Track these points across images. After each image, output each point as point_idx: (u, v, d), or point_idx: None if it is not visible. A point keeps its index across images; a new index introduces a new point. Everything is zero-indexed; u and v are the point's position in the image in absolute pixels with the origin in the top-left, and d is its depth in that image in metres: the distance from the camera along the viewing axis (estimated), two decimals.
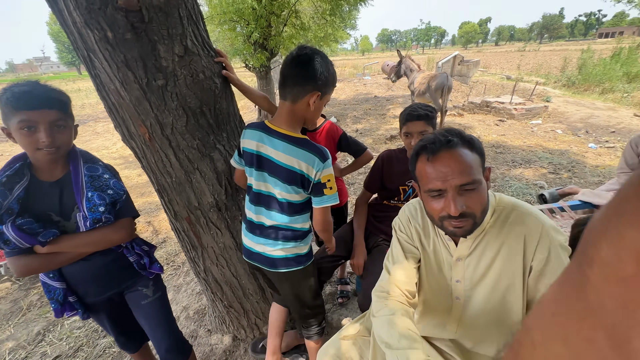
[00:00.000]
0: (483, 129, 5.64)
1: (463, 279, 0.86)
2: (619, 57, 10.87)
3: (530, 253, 0.76)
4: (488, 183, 0.79)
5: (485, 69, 15.68)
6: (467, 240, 0.83)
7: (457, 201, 0.72)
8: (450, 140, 0.74)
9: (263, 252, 1.19)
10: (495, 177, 3.58)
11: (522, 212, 0.79)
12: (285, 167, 1.05)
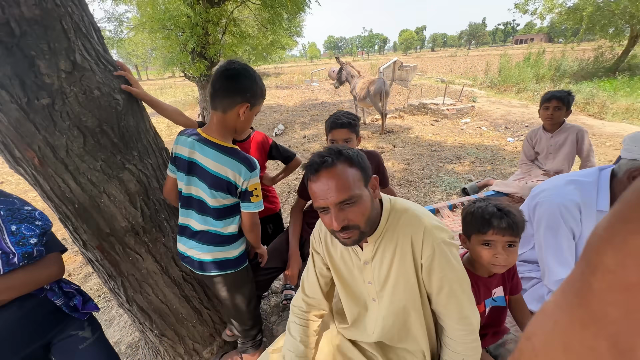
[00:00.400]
0: (420, 129, 6.07)
1: (373, 281, 0.91)
2: (529, 61, 12.52)
3: (418, 252, 0.83)
4: (376, 191, 0.84)
5: (422, 73, 16.93)
6: (369, 244, 0.88)
7: (338, 217, 0.76)
8: (325, 160, 0.76)
9: (192, 255, 1.23)
10: (430, 174, 3.86)
11: (409, 215, 0.85)
12: (213, 173, 1.11)
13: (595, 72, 11.77)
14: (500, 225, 0.90)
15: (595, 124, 5.69)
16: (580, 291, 0.20)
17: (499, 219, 0.91)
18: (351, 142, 1.52)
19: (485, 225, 0.92)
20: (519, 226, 0.91)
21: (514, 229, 0.90)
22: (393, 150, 4.84)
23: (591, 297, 0.19)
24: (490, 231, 0.91)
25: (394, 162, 4.32)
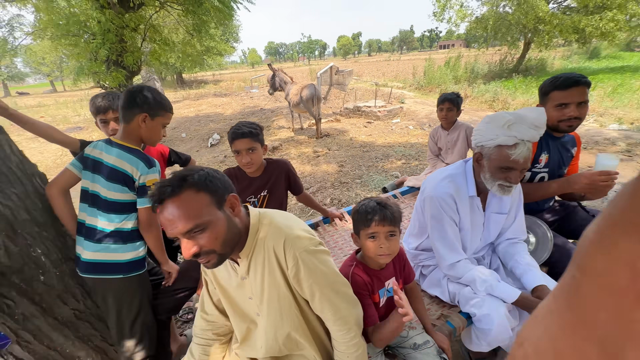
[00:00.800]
0: (355, 131, 6.35)
1: (253, 295, 0.91)
2: (449, 64, 13.95)
3: (283, 263, 0.85)
4: (236, 209, 0.84)
5: (358, 77, 17.78)
6: (243, 259, 0.88)
7: (187, 246, 0.75)
8: (166, 190, 0.73)
9: (80, 255, 1.22)
10: (361, 174, 4.05)
11: (272, 227, 0.88)
12: (111, 166, 1.22)
13: (501, 73, 13.57)
14: (381, 217, 0.97)
15: None
16: (571, 295, 0.20)
17: (379, 212, 0.98)
18: (255, 151, 1.51)
19: (368, 220, 0.99)
20: (396, 216, 1.00)
21: (392, 219, 0.98)
22: (328, 153, 4.97)
23: (581, 301, 0.19)
24: (373, 224, 0.98)
25: (329, 165, 4.44)
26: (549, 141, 1.56)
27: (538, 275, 1.22)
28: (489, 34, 14.99)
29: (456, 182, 1.28)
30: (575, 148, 1.63)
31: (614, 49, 20.64)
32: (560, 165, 1.61)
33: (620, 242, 0.17)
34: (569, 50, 19.21)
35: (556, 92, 1.45)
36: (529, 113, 1.15)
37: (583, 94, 1.42)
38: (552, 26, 12.29)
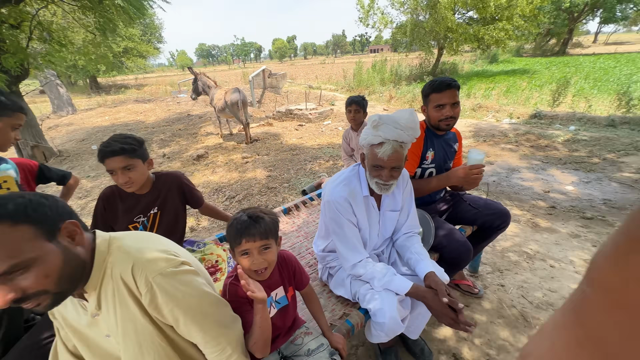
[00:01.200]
0: (286, 134, 6.33)
1: (110, 333, 0.80)
2: (376, 67, 14.87)
3: (135, 290, 0.77)
4: (77, 237, 0.73)
5: (292, 80, 17.88)
6: (91, 293, 0.77)
7: (3, 293, 0.62)
8: None
9: None
10: (290, 177, 4.03)
11: (121, 252, 0.79)
12: None
13: (421, 76, 14.92)
14: (251, 233, 0.93)
15: (420, 117, 7.14)
16: (580, 310, 0.20)
17: (248, 228, 0.94)
18: (134, 169, 1.35)
19: (238, 237, 0.94)
20: (269, 228, 0.96)
21: (264, 233, 0.95)
22: (257, 158, 4.86)
23: (590, 316, 0.18)
24: (243, 241, 0.93)
25: (257, 170, 4.34)
26: (433, 139, 1.72)
27: (428, 264, 1.33)
28: (408, 40, 16.40)
29: (351, 185, 1.33)
30: (457, 143, 1.83)
31: (508, 55, 24.33)
32: (445, 160, 1.79)
33: (632, 258, 0.17)
34: (475, 56, 22.01)
35: (434, 94, 1.62)
36: (397, 114, 1.24)
37: (455, 96, 1.60)
38: (459, 34, 13.97)
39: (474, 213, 1.82)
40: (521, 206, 3.18)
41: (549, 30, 25.55)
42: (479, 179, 1.54)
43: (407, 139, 1.22)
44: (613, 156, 4.22)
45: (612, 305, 0.17)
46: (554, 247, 2.43)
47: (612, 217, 2.88)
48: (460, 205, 1.89)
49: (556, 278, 2.08)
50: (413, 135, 1.24)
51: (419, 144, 1.68)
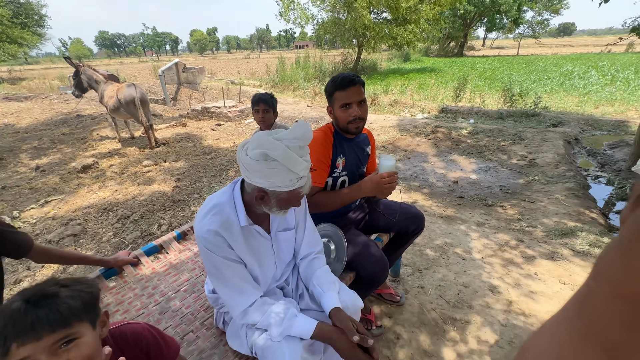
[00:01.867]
0: (201, 135, 5.68)
1: None
2: (299, 63, 14.73)
3: None
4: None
5: (212, 75, 16.60)
6: None
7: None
8: None
9: None
10: (202, 187, 3.53)
11: None
12: None
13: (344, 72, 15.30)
14: (25, 329, 0.55)
15: None
16: (583, 303, 0.20)
17: (21, 320, 0.56)
18: None
19: (2, 343, 0.55)
20: (68, 311, 0.59)
21: (56, 322, 0.57)
22: (163, 166, 4.18)
23: (593, 308, 0.18)
24: (13, 346, 0.55)
25: (162, 182, 3.70)
26: (343, 144, 1.53)
27: (331, 298, 1.11)
28: (330, 37, 16.66)
29: (224, 213, 1.02)
30: (369, 146, 1.68)
31: (418, 55, 26.86)
32: (358, 165, 1.62)
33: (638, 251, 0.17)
34: (391, 54, 23.67)
35: (338, 92, 1.41)
36: (306, 140, 0.96)
37: (360, 93, 1.42)
38: (375, 33, 14.72)
39: (390, 221, 1.70)
40: (435, 198, 3.32)
41: (449, 34, 29.04)
42: (392, 187, 1.40)
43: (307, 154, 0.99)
44: (504, 145, 4.80)
45: (615, 297, 0.17)
46: (464, 238, 2.55)
47: (507, 202, 3.20)
48: (373, 214, 1.76)
49: (467, 271, 2.14)
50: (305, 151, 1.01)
51: (328, 151, 1.46)
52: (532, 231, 2.64)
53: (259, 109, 2.23)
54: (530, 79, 11.50)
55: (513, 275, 2.10)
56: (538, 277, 2.08)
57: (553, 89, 9.53)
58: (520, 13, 28.21)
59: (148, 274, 1.57)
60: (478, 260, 2.27)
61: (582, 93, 8.69)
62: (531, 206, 3.07)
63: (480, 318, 1.75)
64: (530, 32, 34.91)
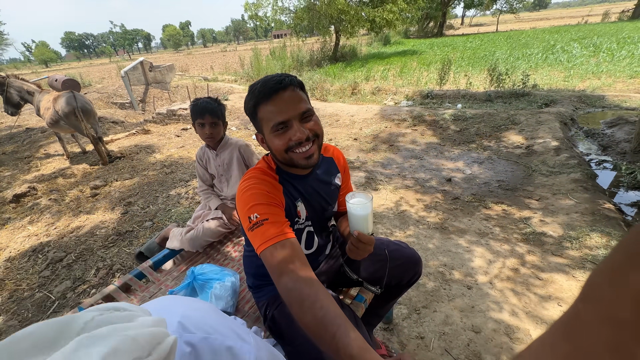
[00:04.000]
0: (163, 143, 5.07)
1: None
2: (275, 54, 13.97)
3: None
4: None
5: (184, 72, 15.66)
6: None
7: None
8: None
9: None
10: (157, 210, 2.99)
11: None
12: None
13: (321, 61, 14.65)
14: None
15: (320, 106, 6.67)
16: (570, 325, 0.19)
17: None
18: None
19: None
20: None
21: None
22: (113, 187, 3.60)
23: (580, 331, 0.18)
24: None
25: (109, 209, 3.12)
26: (295, 184, 1.03)
27: None
28: (306, 25, 15.86)
29: None
30: (338, 173, 1.19)
31: (398, 37, 26.21)
32: (324, 208, 1.12)
33: (630, 274, 0.16)
34: (370, 38, 22.95)
35: (262, 106, 0.87)
36: None
37: (299, 99, 0.89)
38: (352, 17, 14.03)
39: (377, 268, 1.24)
40: (426, 202, 2.89)
41: (427, 14, 28.40)
42: (366, 252, 0.93)
43: None
44: (497, 132, 4.40)
45: (603, 320, 0.17)
46: (466, 257, 2.13)
47: (508, 200, 2.79)
48: (355, 262, 1.28)
49: (475, 306, 1.72)
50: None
51: (279, 198, 0.96)
52: (544, 239, 2.24)
53: (203, 122, 1.69)
54: (513, 55, 11.14)
55: (529, 304, 1.70)
56: (556, 300, 1.68)
57: (538, 64, 9.20)
58: None
59: None
60: (486, 287, 1.85)
61: (567, 67, 8.38)
62: (537, 205, 2.68)
63: None
64: (507, 7, 34.59)
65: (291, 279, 0.73)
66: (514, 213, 2.62)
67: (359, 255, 0.93)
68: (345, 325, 0.63)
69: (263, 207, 0.86)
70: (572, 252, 2.07)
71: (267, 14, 15.19)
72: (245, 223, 0.86)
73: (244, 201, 0.88)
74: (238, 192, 0.92)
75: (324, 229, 1.19)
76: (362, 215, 0.88)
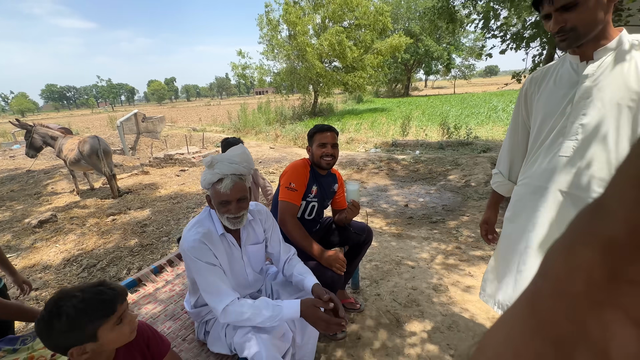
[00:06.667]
0: (165, 182, 5.76)
1: None
2: (261, 109, 15.52)
3: None
4: None
5: (173, 123, 16.74)
6: None
7: None
8: None
9: None
10: (170, 230, 3.63)
11: None
12: None
13: (302, 115, 16.36)
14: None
15: (303, 153, 7.72)
16: (533, 300, 0.21)
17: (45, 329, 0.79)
18: None
19: None
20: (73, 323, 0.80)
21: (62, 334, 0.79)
22: (128, 214, 4.21)
23: (541, 305, 0.20)
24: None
25: (127, 229, 3.73)
26: (316, 177, 1.90)
27: (312, 279, 1.40)
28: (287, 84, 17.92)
29: (205, 226, 1.29)
30: (336, 184, 2.06)
31: (370, 96, 29.50)
32: (324, 198, 1.99)
33: (579, 251, 0.18)
34: (345, 97, 25.75)
35: (318, 134, 1.86)
36: (229, 152, 1.30)
37: (335, 138, 1.88)
38: (328, 79, 16.19)
39: (344, 235, 2.05)
40: (389, 220, 3.75)
41: (394, 78, 32.49)
42: (357, 212, 1.79)
43: (244, 171, 1.27)
44: (444, 171, 5.52)
45: (559, 294, 0.19)
46: (413, 250, 2.94)
47: (448, 218, 3.72)
48: (347, 230, 2.07)
49: (416, 277, 2.49)
50: (249, 167, 1.30)
51: (305, 179, 1.82)
52: (468, 240, 3.12)
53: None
54: (464, 113, 13.24)
55: (452, 276, 2.50)
56: (471, 275, 2.49)
57: (483, 121, 11.08)
58: (451, 59, 32.77)
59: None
60: (425, 268, 2.64)
61: (506, 123, 10.22)
62: (466, 219, 3.61)
63: (426, 312, 2.08)
64: (461, 74, 40.27)
65: (290, 220, 1.63)
66: (450, 224, 3.52)
67: (352, 215, 1.78)
68: (312, 240, 1.57)
69: (298, 183, 1.76)
70: (486, 247, 2.94)
71: (253, 74, 17.11)
72: (285, 184, 1.75)
73: (289, 174, 1.79)
74: (287, 168, 1.81)
75: (320, 212, 2.01)
76: (355, 190, 1.74)
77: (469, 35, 31.66)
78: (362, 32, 16.38)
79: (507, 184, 1.49)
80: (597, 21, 0.96)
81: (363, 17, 15.83)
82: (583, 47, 1.02)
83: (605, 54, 1.01)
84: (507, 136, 1.46)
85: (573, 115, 1.08)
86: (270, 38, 16.53)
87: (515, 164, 1.44)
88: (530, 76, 1.32)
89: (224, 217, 1.26)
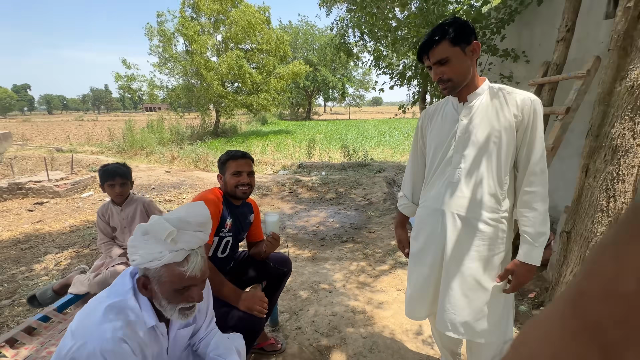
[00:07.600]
0: (9, 221, 4.31)
1: None
2: (152, 127, 13.72)
3: None
4: None
5: (25, 141, 13.12)
6: None
7: None
8: None
9: None
10: (16, 287, 2.66)
11: None
12: None
13: (203, 135, 15.25)
14: None
15: (205, 176, 7.09)
16: (575, 300, 0.20)
17: None
18: None
19: None
20: None
21: None
22: None
23: (585, 307, 0.18)
24: None
25: None
26: (232, 208, 1.66)
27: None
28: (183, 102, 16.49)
29: (126, 315, 0.91)
30: (253, 214, 1.85)
31: (274, 118, 30.02)
32: (240, 231, 1.76)
33: (632, 249, 0.17)
34: (250, 118, 25.42)
35: (231, 161, 1.63)
36: (189, 213, 1.00)
37: (250, 165, 1.68)
38: (230, 101, 15.72)
39: (262, 270, 1.86)
40: (302, 244, 3.71)
41: (297, 102, 34.14)
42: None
43: (206, 238, 1.02)
44: (348, 191, 5.92)
45: (608, 295, 0.17)
46: (329, 274, 2.95)
47: (356, 236, 3.93)
48: (247, 266, 1.88)
49: (334, 301, 2.48)
50: (208, 232, 1.05)
51: (217, 212, 1.55)
52: (375, 255, 3.34)
53: (114, 184, 2.06)
54: (360, 137, 14.81)
55: (366, 294, 2.59)
56: (383, 291, 2.64)
57: (375, 144, 12.59)
58: (345, 89, 36.74)
59: None
60: (340, 289, 2.67)
61: (393, 147, 11.88)
62: (372, 235, 3.89)
63: (347, 337, 2.06)
64: (354, 102, 45.50)
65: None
66: (359, 243, 3.72)
67: (272, 248, 1.60)
68: (225, 284, 1.41)
69: None
70: (390, 261, 3.19)
71: (141, 88, 15.17)
72: None
73: None
74: (195, 198, 1.51)
75: (235, 247, 1.77)
76: (275, 221, 1.58)
77: (358, 69, 36.34)
78: (265, 57, 16.72)
79: (411, 206, 1.62)
80: (467, 73, 1.19)
81: (265, 43, 16.22)
82: (460, 92, 1.25)
83: (476, 97, 1.25)
84: (409, 163, 1.61)
85: (456, 148, 1.27)
86: (163, 50, 15.09)
87: (417, 188, 1.59)
88: (424, 111, 1.51)
89: (176, 308, 0.93)
